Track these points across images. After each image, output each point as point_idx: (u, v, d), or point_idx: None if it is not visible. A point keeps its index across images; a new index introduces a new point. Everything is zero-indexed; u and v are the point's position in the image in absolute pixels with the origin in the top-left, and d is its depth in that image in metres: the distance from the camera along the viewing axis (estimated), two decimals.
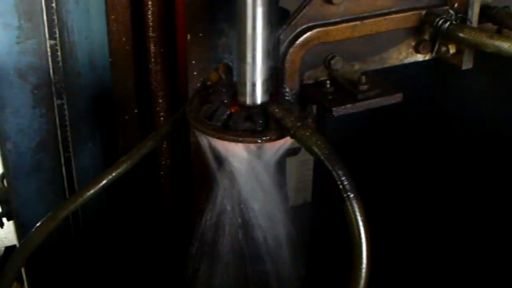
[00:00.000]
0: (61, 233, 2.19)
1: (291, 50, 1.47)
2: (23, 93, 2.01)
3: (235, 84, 1.51)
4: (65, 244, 2.24)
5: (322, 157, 1.33)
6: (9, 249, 2.53)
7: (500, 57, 1.45)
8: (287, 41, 1.46)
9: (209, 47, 1.86)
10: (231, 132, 1.42)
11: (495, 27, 1.61)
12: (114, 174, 1.65)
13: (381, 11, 1.53)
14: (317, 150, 1.34)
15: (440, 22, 1.52)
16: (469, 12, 1.53)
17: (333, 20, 1.49)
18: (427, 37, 1.58)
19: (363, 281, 1.29)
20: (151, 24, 1.90)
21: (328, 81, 1.52)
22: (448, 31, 1.51)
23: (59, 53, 1.99)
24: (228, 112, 1.44)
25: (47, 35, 1.96)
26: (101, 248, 2.28)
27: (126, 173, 1.67)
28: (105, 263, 2.29)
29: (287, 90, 1.49)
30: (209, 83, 1.55)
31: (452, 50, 1.57)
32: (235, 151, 1.46)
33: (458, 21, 1.53)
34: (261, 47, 1.40)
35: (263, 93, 1.45)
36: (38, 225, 1.67)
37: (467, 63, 1.57)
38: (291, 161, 2.26)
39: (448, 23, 1.51)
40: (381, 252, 1.38)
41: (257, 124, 1.42)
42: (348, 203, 1.29)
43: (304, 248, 1.69)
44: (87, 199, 1.65)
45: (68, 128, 2.10)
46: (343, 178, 1.30)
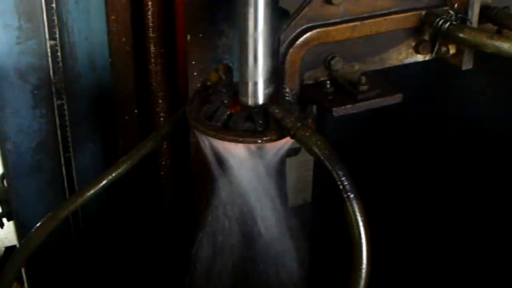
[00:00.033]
0: (61, 233, 2.19)
1: (291, 50, 1.47)
2: (23, 94, 2.01)
3: (235, 84, 1.51)
4: (65, 244, 2.24)
5: (322, 157, 1.33)
6: (9, 249, 2.53)
7: (500, 57, 1.45)
8: (287, 42, 1.47)
9: (209, 47, 1.86)
10: (231, 132, 1.42)
11: (495, 27, 1.61)
12: (114, 174, 1.65)
13: (381, 12, 1.53)
14: (317, 150, 1.34)
15: (440, 22, 1.52)
16: (469, 12, 1.54)
17: (333, 20, 1.49)
18: (427, 38, 1.58)
19: (363, 281, 1.29)
20: (151, 24, 1.90)
21: (328, 82, 1.52)
22: (448, 32, 1.51)
23: (59, 54, 1.99)
24: (228, 112, 1.44)
25: (47, 36, 1.96)
26: (101, 248, 2.28)
27: (126, 174, 1.67)
28: (105, 264, 2.29)
29: (287, 90, 1.49)
30: (209, 83, 1.55)
31: (452, 50, 1.57)
32: (235, 152, 1.46)
33: (458, 21, 1.53)
34: (262, 47, 1.40)
35: (265, 94, 1.45)
36: (38, 225, 1.67)
37: (467, 64, 1.57)
38: (291, 162, 2.26)
39: (448, 23, 1.51)
40: (381, 252, 1.38)
41: (257, 124, 1.42)
42: (348, 203, 1.29)
43: (304, 248, 1.69)
44: (87, 199, 1.65)
45: (68, 128, 2.10)
46: (343, 178, 1.31)
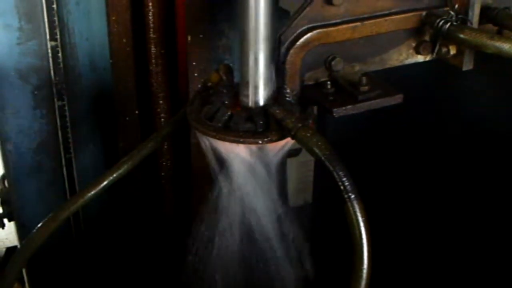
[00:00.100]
0: (62, 234, 2.19)
1: (291, 51, 1.47)
2: (24, 94, 2.01)
3: (236, 85, 1.51)
4: (66, 245, 2.24)
5: (323, 158, 1.33)
6: (10, 250, 2.52)
7: (500, 58, 1.45)
8: (287, 42, 1.47)
9: (209, 48, 1.86)
10: (232, 133, 1.42)
11: (495, 28, 1.61)
12: (115, 175, 1.65)
13: (382, 12, 1.53)
14: (318, 151, 1.34)
15: (440, 23, 1.52)
16: (470, 13, 1.54)
17: (334, 21, 1.49)
18: (427, 38, 1.58)
19: (364, 281, 1.29)
20: (151, 25, 1.90)
21: (328, 82, 1.52)
22: (448, 32, 1.51)
23: (59, 54, 1.99)
24: (229, 113, 1.44)
25: (48, 36, 1.96)
26: (102, 249, 2.28)
27: (127, 174, 1.67)
28: (106, 264, 2.29)
29: (288, 91, 1.49)
30: (210, 84, 1.55)
31: (452, 51, 1.57)
32: (236, 152, 1.46)
33: (458, 22, 1.53)
34: (263, 48, 1.40)
35: (265, 95, 1.45)
36: (39, 226, 1.67)
37: (467, 64, 1.57)
38: (292, 162, 2.26)
39: (448, 24, 1.51)
40: (382, 252, 1.38)
41: (257, 125, 1.42)
42: (349, 203, 1.29)
43: (305, 248, 1.69)
44: (88, 200, 1.65)
45: (68, 129, 2.10)
46: (344, 179, 1.31)
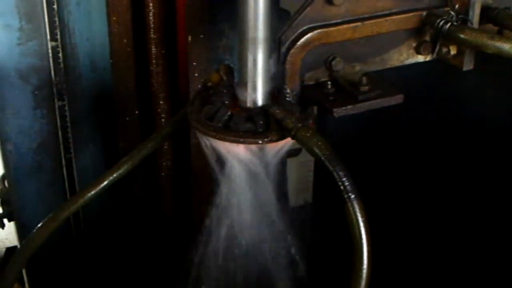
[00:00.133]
0: (62, 234, 2.19)
1: (292, 51, 1.47)
2: (24, 94, 2.01)
3: (236, 85, 1.51)
4: (66, 245, 2.24)
5: (323, 158, 1.33)
6: (10, 250, 2.52)
7: (501, 58, 1.45)
8: (288, 42, 1.47)
9: (210, 48, 1.86)
10: (232, 133, 1.42)
11: (496, 28, 1.61)
12: (115, 175, 1.65)
13: (382, 12, 1.53)
14: (318, 151, 1.34)
15: (441, 23, 1.52)
16: (470, 13, 1.54)
17: (334, 21, 1.49)
18: (428, 38, 1.58)
19: (364, 282, 1.29)
20: (152, 25, 1.90)
21: (329, 82, 1.52)
22: (449, 32, 1.51)
23: (60, 55, 1.99)
24: (229, 113, 1.44)
25: (48, 37, 1.96)
26: (102, 249, 2.28)
27: (127, 174, 1.67)
28: (106, 264, 2.29)
29: (288, 91, 1.49)
30: (210, 84, 1.55)
31: (453, 51, 1.57)
32: (236, 152, 1.46)
33: (459, 22, 1.53)
34: (262, 48, 1.40)
35: (264, 95, 1.45)
36: (39, 226, 1.66)
37: (468, 64, 1.57)
38: (292, 162, 2.26)
39: (449, 24, 1.51)
40: (382, 253, 1.38)
41: (258, 125, 1.42)
42: (349, 204, 1.29)
43: (305, 248, 1.69)
44: (88, 200, 1.65)
45: (69, 129, 2.10)
46: (344, 179, 1.30)
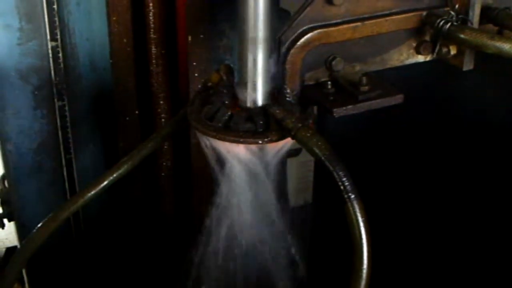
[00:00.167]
0: (62, 234, 2.19)
1: (292, 51, 1.47)
2: (24, 95, 2.01)
3: (236, 85, 1.51)
4: (66, 245, 2.24)
5: (323, 158, 1.33)
6: (10, 250, 2.52)
7: (501, 58, 1.45)
8: (288, 42, 1.46)
9: (210, 48, 1.86)
10: (232, 133, 1.42)
11: (496, 28, 1.61)
12: (115, 175, 1.65)
13: (382, 12, 1.53)
14: (318, 151, 1.34)
15: (441, 23, 1.52)
16: (470, 13, 1.53)
17: (334, 21, 1.49)
18: (428, 38, 1.58)
19: (364, 282, 1.29)
20: (152, 25, 1.90)
21: (329, 82, 1.52)
22: (449, 32, 1.51)
23: (60, 55, 1.99)
24: (229, 113, 1.44)
25: (48, 37, 1.96)
26: (102, 249, 2.28)
27: (127, 174, 1.67)
28: (106, 264, 2.29)
29: (288, 91, 1.49)
30: (210, 84, 1.55)
31: (453, 51, 1.57)
32: (236, 152, 1.46)
33: (459, 22, 1.53)
34: (262, 48, 1.40)
35: (264, 95, 1.45)
36: (39, 226, 1.66)
37: (468, 64, 1.57)
38: (292, 162, 2.26)
39: (449, 24, 1.51)
40: (382, 253, 1.38)
41: (258, 125, 1.42)
42: (349, 204, 1.29)
43: (305, 248, 1.69)
44: (88, 200, 1.65)
45: (69, 129, 2.10)
46: (344, 179, 1.30)
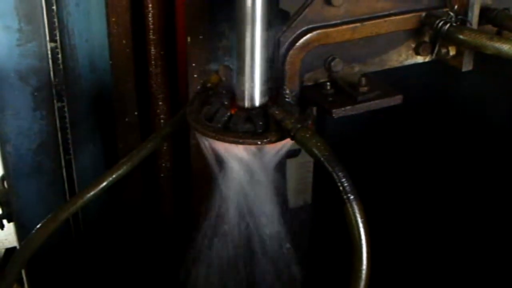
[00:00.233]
0: (62, 234, 2.19)
1: (291, 52, 1.47)
2: (24, 96, 2.01)
3: (235, 85, 1.51)
4: (65, 245, 2.24)
5: (322, 158, 1.33)
6: (10, 251, 2.52)
7: (500, 58, 1.45)
8: (287, 43, 1.47)
9: (209, 49, 1.86)
10: (231, 133, 1.42)
11: (495, 29, 1.61)
12: (114, 176, 1.65)
13: (381, 13, 1.53)
14: (317, 151, 1.34)
15: (440, 24, 1.52)
16: (469, 14, 1.54)
17: (333, 22, 1.49)
18: (427, 39, 1.58)
19: (363, 282, 1.29)
20: (151, 26, 1.90)
21: (328, 83, 1.52)
22: (448, 33, 1.51)
23: (59, 56, 1.99)
24: (228, 113, 1.44)
25: (48, 38, 1.96)
26: (101, 250, 2.28)
27: (126, 175, 1.67)
28: (106, 265, 2.29)
29: (287, 92, 1.49)
30: (210, 85, 1.55)
31: (452, 52, 1.57)
32: (235, 153, 1.46)
33: (458, 23, 1.53)
34: (260, 49, 1.40)
35: (263, 96, 1.45)
36: (38, 226, 1.67)
37: (467, 65, 1.57)
38: (291, 163, 2.26)
39: (448, 25, 1.51)
40: (381, 253, 1.38)
41: (257, 125, 1.42)
42: (348, 204, 1.29)
43: (304, 249, 1.69)
44: (87, 201, 1.65)
45: (68, 130, 2.10)
46: (343, 179, 1.31)
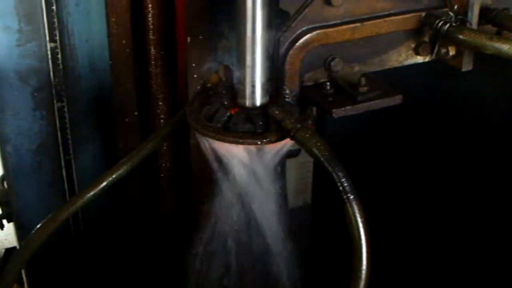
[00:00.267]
0: (61, 235, 2.19)
1: (291, 52, 1.47)
2: (24, 96, 2.01)
3: (235, 86, 1.51)
4: (65, 246, 2.24)
5: (322, 158, 1.33)
6: (9, 251, 2.52)
7: (500, 58, 1.45)
8: (287, 43, 1.47)
9: (209, 49, 1.86)
10: (231, 133, 1.42)
11: (494, 29, 1.61)
12: (114, 176, 1.65)
13: (381, 13, 1.53)
14: (317, 151, 1.34)
15: (440, 24, 1.52)
16: (469, 14, 1.54)
17: (333, 22, 1.49)
18: (427, 39, 1.59)
19: (363, 282, 1.29)
20: (151, 26, 1.90)
21: (328, 83, 1.52)
22: (448, 33, 1.51)
23: (59, 56, 1.99)
24: (228, 113, 1.44)
25: (48, 38, 1.96)
26: (101, 250, 2.28)
27: (126, 175, 1.67)
28: (105, 265, 2.29)
29: (287, 92, 1.49)
30: (209, 85, 1.55)
31: (452, 52, 1.57)
32: (235, 153, 1.46)
33: (458, 23, 1.53)
34: (260, 49, 1.40)
35: (263, 95, 1.45)
36: (38, 227, 1.67)
37: (466, 65, 1.57)
38: (291, 163, 2.26)
39: (448, 25, 1.51)
40: (381, 253, 1.38)
41: (257, 125, 1.42)
42: (348, 204, 1.29)
43: (304, 249, 1.69)
44: (87, 200, 1.65)
45: (68, 130, 2.10)
46: (343, 179, 1.31)
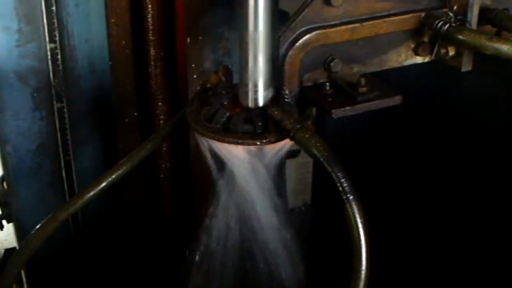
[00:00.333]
0: (61, 235, 2.19)
1: (290, 52, 1.47)
2: (23, 96, 2.01)
3: (234, 86, 1.51)
4: (65, 246, 2.24)
5: (321, 159, 1.33)
6: (9, 251, 2.52)
7: (499, 59, 1.45)
8: (286, 44, 1.47)
9: (208, 50, 1.86)
10: (230, 134, 1.42)
11: (494, 29, 1.61)
12: (114, 176, 1.65)
13: (381, 14, 1.53)
14: (316, 152, 1.34)
15: (439, 24, 1.52)
16: (469, 14, 1.54)
17: (333, 22, 1.49)
18: (426, 39, 1.59)
19: (362, 282, 1.29)
20: (151, 27, 1.90)
21: (327, 83, 1.52)
22: (447, 33, 1.51)
23: (59, 56, 1.99)
24: (227, 114, 1.44)
25: (47, 39, 1.96)
26: (100, 250, 2.28)
27: (126, 176, 1.67)
28: (105, 265, 2.29)
29: (287, 92, 1.49)
30: (209, 85, 1.55)
31: (451, 52, 1.57)
32: (235, 153, 1.46)
33: (457, 23, 1.53)
34: (262, 50, 1.40)
35: (265, 96, 1.45)
36: (38, 227, 1.67)
37: (466, 65, 1.57)
38: (291, 163, 2.25)
39: (447, 25, 1.51)
40: (380, 253, 1.38)
41: (256, 126, 1.42)
42: (347, 205, 1.29)
43: (303, 249, 1.69)
44: (87, 201, 1.65)
45: (68, 131, 2.10)
46: (343, 180, 1.31)
